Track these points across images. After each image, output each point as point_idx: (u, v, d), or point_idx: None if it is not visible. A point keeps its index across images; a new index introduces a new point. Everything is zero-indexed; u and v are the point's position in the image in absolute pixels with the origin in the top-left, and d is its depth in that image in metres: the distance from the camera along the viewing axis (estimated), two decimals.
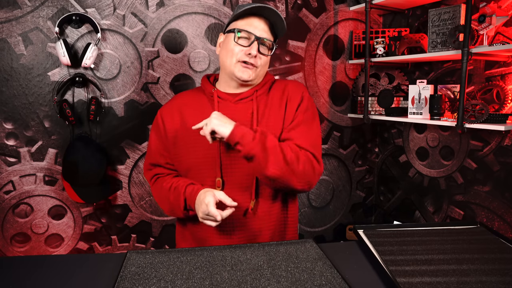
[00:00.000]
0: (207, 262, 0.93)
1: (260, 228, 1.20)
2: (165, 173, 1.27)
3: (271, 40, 1.17)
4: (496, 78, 1.80)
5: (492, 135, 1.84)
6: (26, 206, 1.96)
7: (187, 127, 1.20)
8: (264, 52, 1.17)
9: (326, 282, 0.84)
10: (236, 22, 1.16)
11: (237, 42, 1.14)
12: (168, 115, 1.24)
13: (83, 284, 0.87)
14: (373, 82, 2.36)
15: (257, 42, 1.13)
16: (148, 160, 1.29)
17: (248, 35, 1.14)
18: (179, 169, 1.24)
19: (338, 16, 2.35)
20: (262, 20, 1.15)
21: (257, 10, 1.14)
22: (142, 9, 1.99)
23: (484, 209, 1.91)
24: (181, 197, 1.15)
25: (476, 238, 1.06)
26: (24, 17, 1.84)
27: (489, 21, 1.64)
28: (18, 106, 1.89)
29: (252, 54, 1.13)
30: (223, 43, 1.21)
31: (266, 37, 1.15)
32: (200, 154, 1.18)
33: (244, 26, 1.14)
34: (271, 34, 1.18)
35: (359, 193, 2.59)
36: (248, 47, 1.13)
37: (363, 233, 1.10)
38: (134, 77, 2.03)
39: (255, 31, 1.14)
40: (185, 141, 1.20)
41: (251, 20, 1.15)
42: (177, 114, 1.23)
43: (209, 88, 1.23)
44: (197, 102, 1.24)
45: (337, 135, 2.46)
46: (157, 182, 1.26)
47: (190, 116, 1.21)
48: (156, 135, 1.26)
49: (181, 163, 1.22)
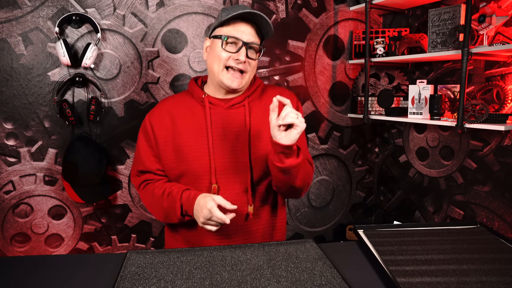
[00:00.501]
0: (207, 262, 0.93)
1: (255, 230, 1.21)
2: (156, 179, 1.23)
3: (258, 43, 1.15)
4: (496, 78, 1.80)
5: (492, 135, 1.84)
6: (26, 206, 1.96)
7: (179, 133, 1.17)
8: (252, 56, 1.15)
9: (326, 282, 0.84)
10: (222, 28, 1.14)
11: (224, 49, 1.12)
12: (157, 120, 1.21)
13: (83, 284, 0.87)
14: (373, 82, 2.36)
15: (245, 47, 1.11)
16: (137, 167, 1.25)
17: (235, 40, 1.12)
18: (171, 175, 1.21)
19: (338, 16, 2.35)
20: (248, 24, 1.13)
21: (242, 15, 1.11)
22: (142, 9, 1.99)
23: (484, 209, 1.91)
24: (177, 203, 1.13)
25: (476, 238, 1.06)
26: (24, 17, 1.84)
27: (489, 21, 1.63)
28: (18, 106, 1.89)
29: (240, 60, 1.11)
30: (210, 48, 1.18)
31: (253, 41, 1.13)
32: (193, 161, 1.16)
33: (231, 32, 1.12)
34: (258, 37, 1.16)
35: (359, 193, 2.59)
36: (236, 53, 1.12)
37: (363, 233, 1.10)
38: (134, 77, 2.03)
39: (242, 36, 1.11)
40: (177, 147, 1.17)
41: (237, 25, 1.12)
42: (167, 119, 1.20)
43: (198, 92, 1.21)
44: (188, 107, 1.21)
45: (337, 135, 2.46)
46: (147, 188, 1.23)
47: (182, 122, 1.19)
48: (146, 141, 1.22)
49: (173, 169, 1.19)
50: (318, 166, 2.45)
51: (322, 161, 2.45)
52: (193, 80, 1.27)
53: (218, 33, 1.14)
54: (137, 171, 1.25)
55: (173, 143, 1.18)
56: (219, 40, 1.13)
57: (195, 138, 1.17)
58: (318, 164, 2.44)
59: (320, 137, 2.42)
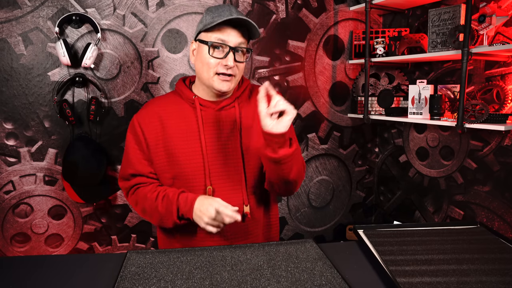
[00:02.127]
0: (207, 262, 0.93)
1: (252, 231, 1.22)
2: (148, 182, 1.20)
3: (245, 45, 1.14)
4: (496, 78, 1.80)
5: (492, 135, 1.84)
6: (26, 206, 1.96)
7: (170, 136, 1.16)
8: (240, 59, 1.14)
9: (326, 282, 0.84)
10: (207, 33, 1.11)
11: (212, 55, 1.11)
12: (146, 122, 1.18)
13: (83, 284, 0.87)
14: (373, 82, 2.36)
15: (232, 52, 1.10)
16: (127, 170, 1.20)
17: (222, 45, 1.10)
18: (163, 178, 1.19)
19: (338, 16, 2.35)
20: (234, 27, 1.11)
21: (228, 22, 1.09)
22: (142, 9, 1.99)
23: (484, 209, 1.91)
24: (174, 206, 1.11)
25: (476, 238, 1.06)
26: (24, 17, 1.84)
27: (489, 21, 1.63)
28: (18, 106, 1.88)
29: (229, 66, 1.10)
30: (197, 53, 1.17)
31: (240, 43, 1.12)
32: (186, 164, 1.15)
33: (217, 37, 1.10)
34: (244, 38, 1.14)
35: (359, 193, 2.59)
36: (224, 59, 1.11)
37: (363, 233, 1.10)
38: (134, 77, 2.03)
39: (229, 40, 1.10)
40: (169, 150, 1.15)
41: (223, 29, 1.10)
42: (156, 121, 1.17)
43: (188, 94, 1.20)
44: (177, 109, 1.19)
45: (337, 135, 2.46)
46: (138, 192, 1.20)
47: (171, 124, 1.17)
48: (136, 144, 1.19)
49: (166, 172, 1.17)
50: (318, 166, 2.45)
51: (322, 161, 2.45)
52: (181, 80, 1.25)
53: (205, 38, 1.12)
54: (128, 175, 1.21)
55: (164, 146, 1.16)
56: (206, 45, 1.11)
57: (187, 140, 1.15)
58: (318, 164, 2.44)
59: (320, 137, 2.42)
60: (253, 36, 1.17)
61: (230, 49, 1.10)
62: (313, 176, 2.44)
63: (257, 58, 2.22)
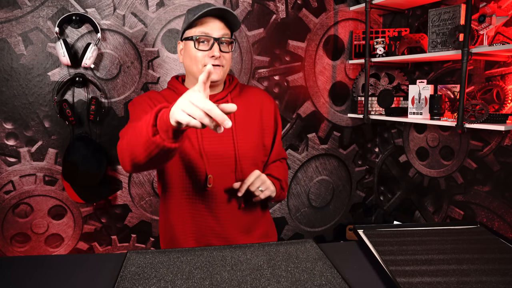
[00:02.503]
0: (207, 262, 0.93)
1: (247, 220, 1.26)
2: None
3: (228, 36, 1.18)
4: (496, 78, 1.80)
5: (492, 135, 1.84)
6: (26, 206, 1.96)
7: None
8: (226, 49, 1.18)
9: (326, 282, 0.84)
10: (191, 30, 1.16)
11: (198, 48, 1.15)
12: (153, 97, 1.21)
13: (83, 284, 0.87)
14: (373, 82, 2.36)
15: (216, 43, 1.14)
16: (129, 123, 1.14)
17: (206, 38, 1.15)
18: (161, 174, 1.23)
19: (338, 16, 2.35)
20: (216, 19, 1.16)
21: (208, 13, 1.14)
22: (142, 9, 1.99)
23: (484, 209, 1.91)
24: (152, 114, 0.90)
25: (476, 238, 1.06)
26: (24, 17, 1.84)
27: (489, 21, 1.64)
28: (18, 106, 1.88)
29: (215, 56, 1.14)
30: (184, 51, 1.21)
31: (223, 34, 1.16)
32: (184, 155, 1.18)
33: (200, 31, 1.15)
34: (228, 29, 1.18)
35: (359, 193, 2.59)
36: (209, 50, 1.15)
37: (363, 233, 1.10)
38: (134, 77, 2.03)
39: (213, 32, 1.14)
40: None
41: (205, 23, 1.15)
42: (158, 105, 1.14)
43: (182, 89, 1.23)
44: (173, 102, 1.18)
45: (337, 135, 2.46)
46: None
47: None
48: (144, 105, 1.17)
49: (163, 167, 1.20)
50: (318, 166, 2.45)
51: (322, 161, 2.45)
52: (175, 77, 1.29)
53: (189, 35, 1.17)
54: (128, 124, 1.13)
55: None
56: (191, 41, 1.16)
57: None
58: (318, 164, 2.44)
59: (320, 137, 2.42)
60: (235, 27, 1.21)
61: (214, 40, 1.14)
62: (313, 176, 2.44)
63: (257, 58, 2.22)
